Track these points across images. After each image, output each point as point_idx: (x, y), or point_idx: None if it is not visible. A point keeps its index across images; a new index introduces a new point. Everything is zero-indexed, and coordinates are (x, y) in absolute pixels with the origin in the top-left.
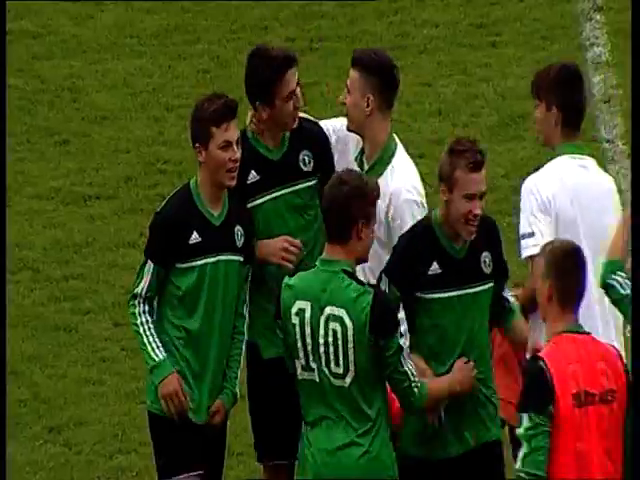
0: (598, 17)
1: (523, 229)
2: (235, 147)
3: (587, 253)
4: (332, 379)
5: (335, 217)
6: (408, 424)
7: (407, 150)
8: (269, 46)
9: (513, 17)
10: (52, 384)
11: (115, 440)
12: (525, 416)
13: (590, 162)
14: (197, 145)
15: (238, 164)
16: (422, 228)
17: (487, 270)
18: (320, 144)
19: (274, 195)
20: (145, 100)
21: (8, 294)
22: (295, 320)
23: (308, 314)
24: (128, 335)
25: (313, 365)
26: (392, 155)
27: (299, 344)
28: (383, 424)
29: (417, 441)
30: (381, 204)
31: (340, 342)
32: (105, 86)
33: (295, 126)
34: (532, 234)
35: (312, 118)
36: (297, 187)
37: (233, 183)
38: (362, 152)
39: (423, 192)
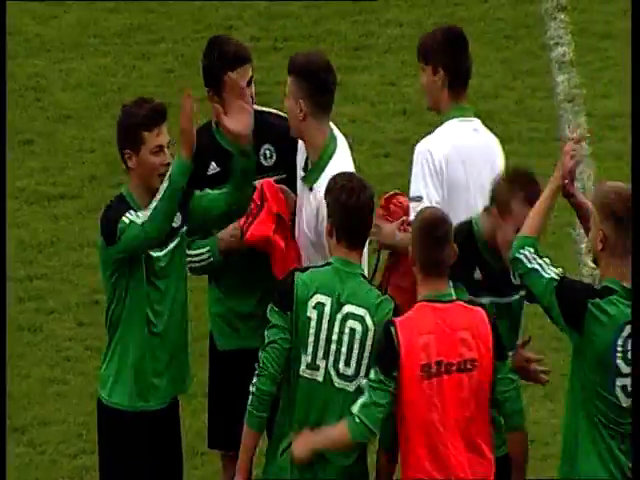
0: (562, 17)
1: (413, 193)
2: (166, 151)
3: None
4: (337, 380)
5: (361, 222)
6: None
7: (372, 150)
8: (226, 38)
9: (477, 17)
10: (16, 384)
11: (79, 440)
12: (373, 370)
13: (478, 123)
14: (127, 151)
15: (169, 167)
16: (464, 237)
17: (516, 282)
18: (283, 138)
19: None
20: (109, 99)
21: None
22: (312, 314)
23: (328, 309)
24: (92, 335)
25: (320, 363)
26: (329, 159)
27: (311, 338)
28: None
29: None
30: (313, 204)
31: (357, 343)
32: (69, 85)
33: (256, 121)
34: (420, 198)
35: (283, 114)
36: (257, 182)
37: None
38: (307, 158)
39: None
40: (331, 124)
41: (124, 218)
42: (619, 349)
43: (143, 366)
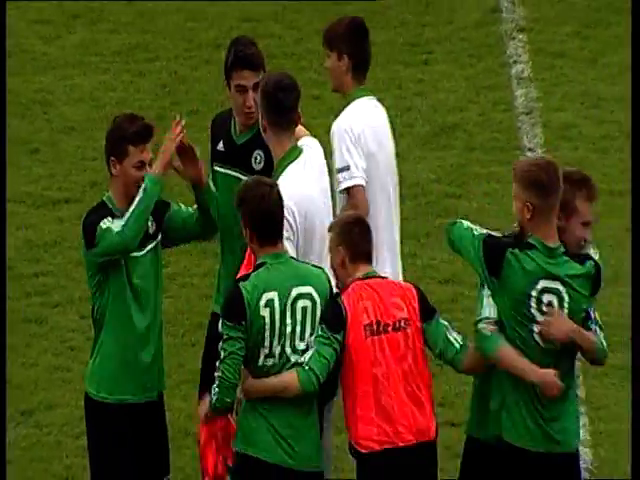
0: (520, 37)
1: (339, 164)
2: (147, 168)
3: (390, 186)
4: (292, 356)
5: (276, 221)
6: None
7: None
8: (246, 40)
9: (443, 37)
10: (24, 371)
11: (81, 422)
12: (320, 328)
13: (377, 101)
14: (112, 159)
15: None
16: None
17: None
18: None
19: (227, 172)
20: (109, 112)
21: None
22: (265, 312)
23: (277, 302)
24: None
25: (275, 350)
26: (282, 171)
27: (267, 334)
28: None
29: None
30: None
31: (309, 317)
32: (72, 99)
33: (256, 129)
34: (348, 167)
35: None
36: (241, 176)
37: None
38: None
39: (297, 199)
40: (306, 137)
41: (101, 224)
42: (533, 300)
43: (127, 361)
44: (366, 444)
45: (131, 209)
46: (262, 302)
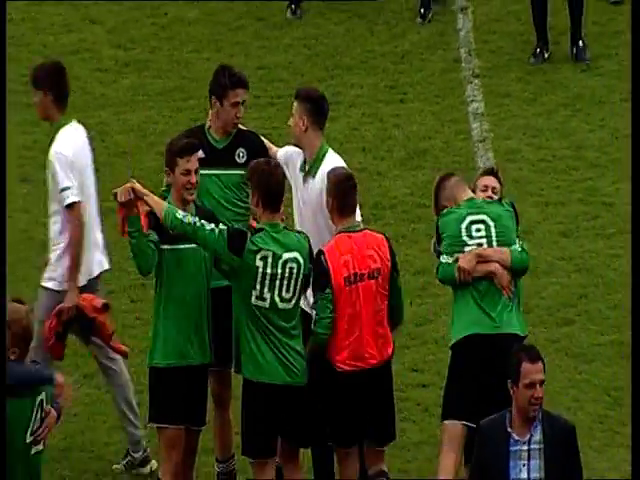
0: (476, 81)
1: (63, 184)
2: (193, 174)
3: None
4: (280, 304)
5: (279, 193)
6: None
7: None
8: (232, 67)
9: (415, 82)
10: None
11: (133, 383)
12: (314, 293)
13: (77, 125)
14: (167, 169)
15: (195, 186)
16: None
17: None
18: (255, 147)
19: (211, 172)
20: (153, 141)
21: None
22: (259, 263)
23: (270, 259)
24: (141, 309)
25: (266, 295)
26: (324, 157)
27: (258, 279)
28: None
29: None
30: (317, 186)
31: (294, 276)
32: (124, 130)
33: (238, 133)
34: (70, 187)
35: (256, 132)
36: (229, 172)
37: (191, 198)
38: (304, 161)
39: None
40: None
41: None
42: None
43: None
44: (340, 366)
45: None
46: (258, 255)
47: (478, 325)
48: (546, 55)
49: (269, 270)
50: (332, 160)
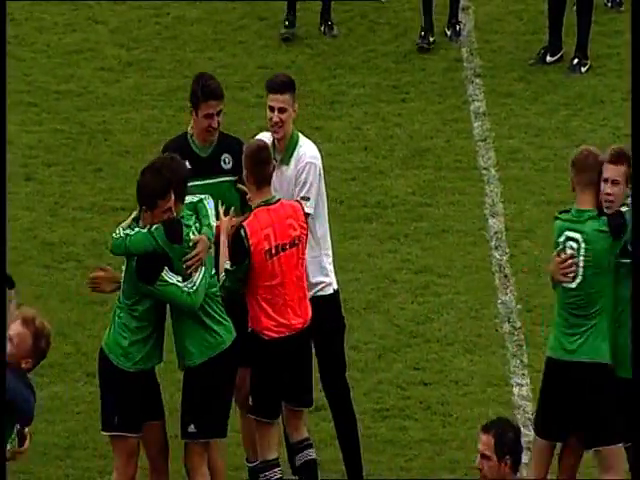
0: (477, 81)
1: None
2: None
3: None
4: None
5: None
6: None
7: (343, 175)
8: (208, 76)
9: (418, 81)
10: (90, 341)
11: None
12: (227, 265)
13: None
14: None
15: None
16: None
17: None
18: (240, 152)
19: (198, 183)
20: (156, 140)
21: (58, 280)
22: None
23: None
24: None
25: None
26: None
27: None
28: None
29: None
30: (291, 172)
31: None
32: (127, 130)
33: (222, 139)
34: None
35: (241, 139)
36: (218, 180)
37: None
38: (274, 149)
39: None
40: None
41: None
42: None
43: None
44: (268, 334)
45: None
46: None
47: None
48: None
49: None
50: (306, 145)
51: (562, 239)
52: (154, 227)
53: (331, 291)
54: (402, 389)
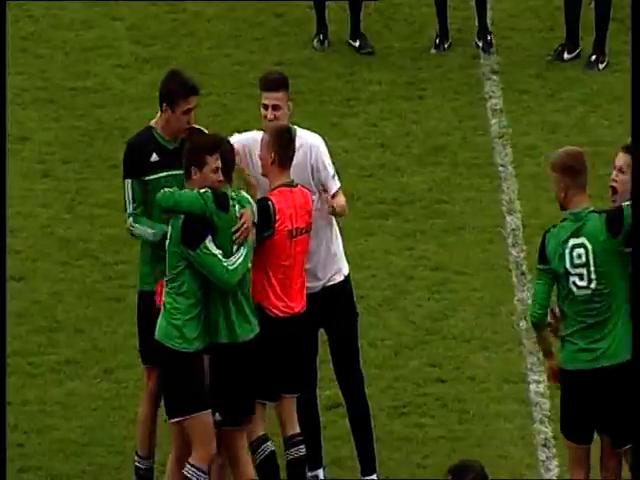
0: (494, 77)
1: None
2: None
3: None
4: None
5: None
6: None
7: (360, 172)
8: (182, 72)
9: (434, 78)
10: (107, 338)
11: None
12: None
13: None
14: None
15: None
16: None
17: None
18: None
19: (169, 173)
20: None
21: (75, 276)
22: None
23: None
24: None
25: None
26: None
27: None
28: None
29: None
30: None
31: None
32: (144, 126)
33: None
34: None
35: (203, 128)
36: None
37: None
38: None
39: None
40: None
41: None
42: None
43: None
44: (274, 312)
45: None
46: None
47: None
48: (573, 54)
49: None
50: (304, 134)
51: (567, 250)
52: (203, 190)
53: (342, 278)
54: (419, 386)
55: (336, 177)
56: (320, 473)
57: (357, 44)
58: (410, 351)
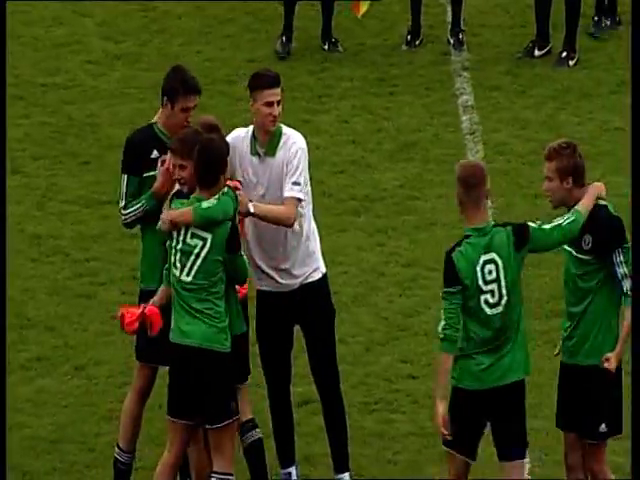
0: (465, 74)
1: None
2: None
3: None
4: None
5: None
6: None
7: (331, 168)
8: (186, 69)
9: (405, 74)
10: (77, 335)
11: (123, 375)
12: None
13: None
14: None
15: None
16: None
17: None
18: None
19: None
20: None
21: (46, 273)
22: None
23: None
24: (131, 301)
25: (176, 267)
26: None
27: (172, 254)
28: None
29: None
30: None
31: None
32: (115, 123)
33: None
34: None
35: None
36: None
37: None
38: (254, 143)
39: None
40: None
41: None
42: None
43: None
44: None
45: None
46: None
47: None
48: (541, 51)
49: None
50: (292, 133)
51: (479, 267)
52: (225, 190)
53: (320, 276)
54: (390, 382)
55: (298, 188)
56: (293, 471)
57: (326, 47)
58: (382, 347)
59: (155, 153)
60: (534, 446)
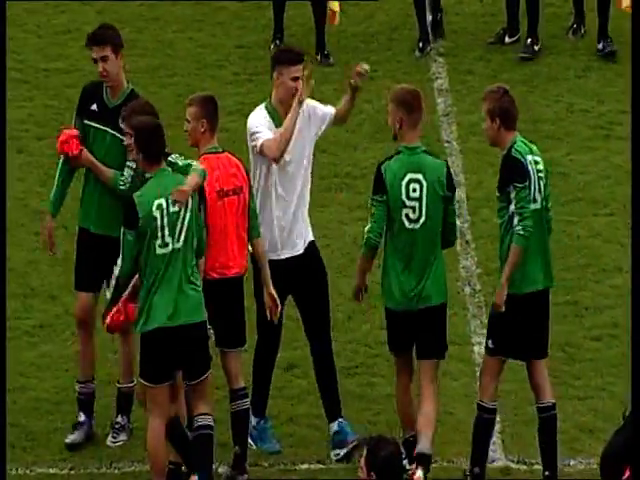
0: (441, 60)
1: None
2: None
3: None
4: (177, 245)
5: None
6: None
7: (315, 148)
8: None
9: (384, 60)
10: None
11: (117, 343)
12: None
13: None
14: None
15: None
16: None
17: None
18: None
19: (99, 127)
20: None
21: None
22: (157, 214)
23: (165, 205)
24: None
25: (168, 240)
26: None
27: (159, 230)
28: None
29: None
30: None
31: (187, 218)
32: None
33: (132, 96)
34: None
35: (146, 100)
36: (108, 130)
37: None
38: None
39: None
40: None
41: None
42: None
43: None
44: (210, 274)
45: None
46: (154, 207)
47: None
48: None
49: (166, 219)
50: (307, 101)
51: (404, 183)
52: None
53: (312, 238)
54: (370, 348)
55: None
56: (335, 425)
57: (318, 57)
58: (362, 316)
59: (95, 106)
60: (505, 407)
